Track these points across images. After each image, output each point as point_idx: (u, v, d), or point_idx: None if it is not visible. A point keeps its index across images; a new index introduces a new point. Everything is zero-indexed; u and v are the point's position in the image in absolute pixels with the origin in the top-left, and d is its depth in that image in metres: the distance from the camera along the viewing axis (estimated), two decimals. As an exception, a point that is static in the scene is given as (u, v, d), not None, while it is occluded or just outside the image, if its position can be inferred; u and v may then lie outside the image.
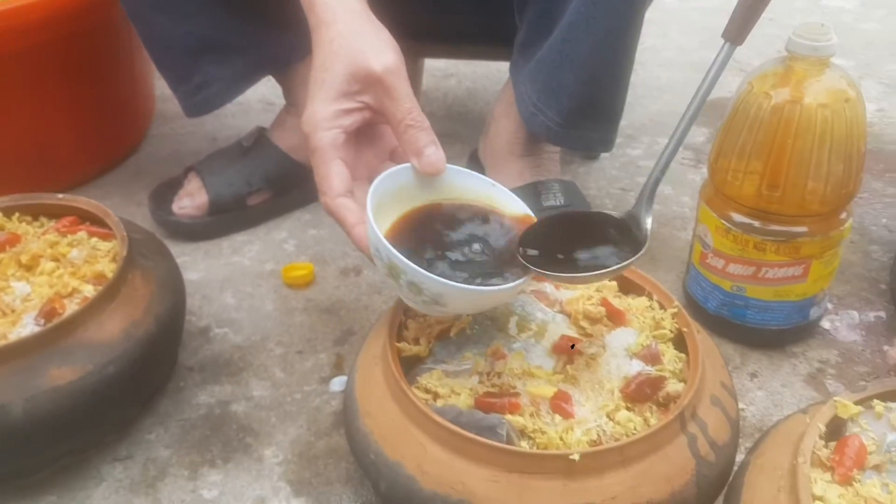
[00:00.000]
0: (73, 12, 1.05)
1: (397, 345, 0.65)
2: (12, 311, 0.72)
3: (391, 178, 0.65)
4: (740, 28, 0.64)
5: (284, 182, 1.09)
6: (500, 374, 0.63)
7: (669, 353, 0.66)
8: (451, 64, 1.57)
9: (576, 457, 0.54)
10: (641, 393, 0.61)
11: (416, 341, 0.67)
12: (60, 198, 0.84)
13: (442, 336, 0.68)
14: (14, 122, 1.07)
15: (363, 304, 0.96)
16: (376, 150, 0.72)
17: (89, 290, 0.74)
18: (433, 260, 0.62)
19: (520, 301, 0.70)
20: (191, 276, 1.00)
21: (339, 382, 0.84)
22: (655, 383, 0.62)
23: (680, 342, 0.67)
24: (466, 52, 1.30)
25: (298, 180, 1.08)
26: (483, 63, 1.54)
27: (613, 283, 0.73)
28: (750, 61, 0.66)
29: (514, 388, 0.62)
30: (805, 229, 0.79)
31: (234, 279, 1.00)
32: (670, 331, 0.68)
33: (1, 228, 0.82)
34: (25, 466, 0.72)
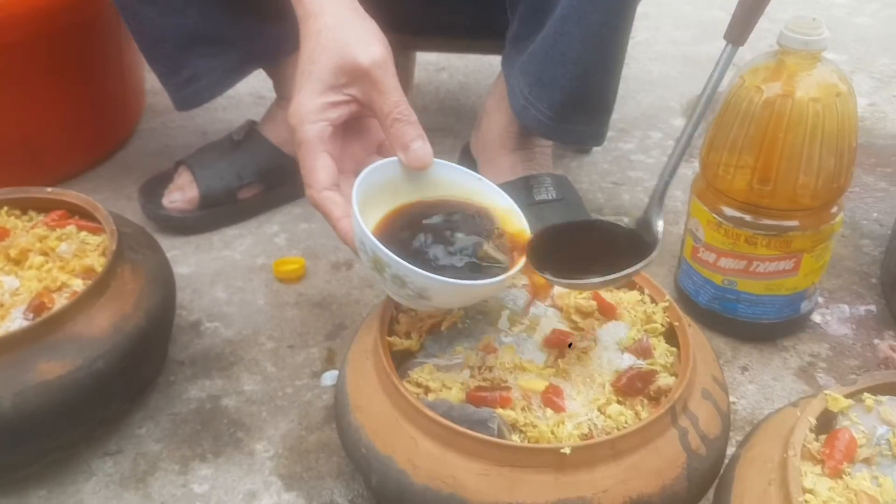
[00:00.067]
0: (62, 5, 1.05)
1: (388, 339, 0.65)
2: (1, 305, 0.72)
3: (377, 171, 0.64)
4: (741, 28, 0.64)
5: (275, 176, 1.09)
6: (491, 368, 0.63)
7: (661, 347, 0.66)
8: (443, 58, 1.56)
9: (567, 450, 0.54)
10: (633, 387, 0.61)
11: (408, 335, 0.67)
12: (49, 192, 0.83)
13: (433, 330, 0.68)
14: (2, 116, 1.06)
15: (354, 298, 0.96)
16: (363, 143, 0.71)
17: (78, 285, 0.74)
18: (419, 255, 0.61)
19: (511, 295, 0.70)
20: (181, 270, 0.99)
21: (330, 377, 0.84)
22: (647, 377, 0.62)
23: (671, 336, 0.67)
24: (458, 46, 1.29)
25: (289, 174, 1.08)
26: (475, 57, 1.53)
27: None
28: (742, 55, 0.66)
29: (506, 382, 0.62)
30: (796, 223, 0.79)
31: (224, 273, 1.00)
32: (662, 325, 0.68)
33: (-11, 222, 0.81)
34: (14, 461, 0.72)
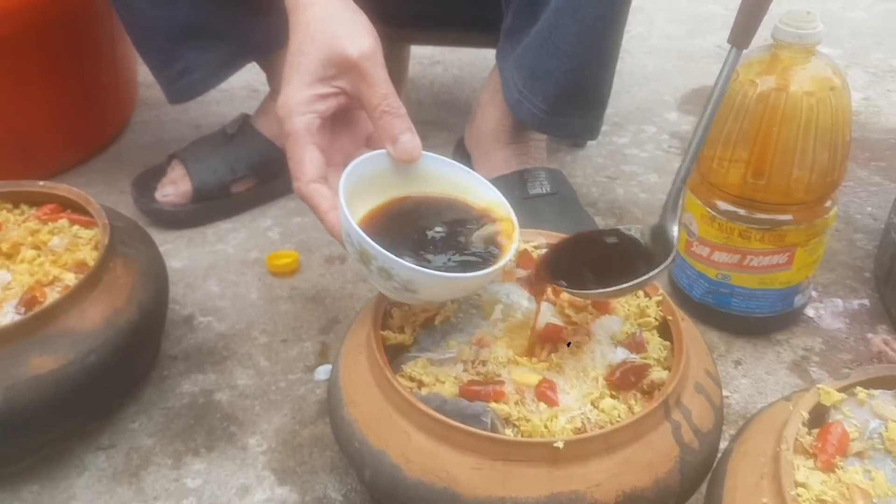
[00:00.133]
0: (53, -3, 1.04)
1: (382, 333, 0.65)
2: (-8, 299, 0.71)
3: (365, 164, 0.64)
4: (745, 31, 0.64)
5: (269, 169, 1.08)
6: (484, 363, 0.63)
7: (654, 341, 0.66)
8: (437, 51, 1.56)
9: (560, 444, 0.54)
10: (626, 381, 0.61)
11: (401, 329, 0.67)
12: (41, 185, 0.83)
13: (427, 324, 0.68)
14: (-6, 109, 1.06)
15: (348, 292, 0.96)
16: (352, 135, 0.71)
17: (70, 279, 0.74)
18: (406, 248, 0.61)
19: (505, 289, 0.70)
20: (174, 264, 0.99)
21: (323, 371, 0.84)
22: (640, 371, 0.62)
23: (665, 330, 0.67)
24: (453, 39, 1.29)
25: (283, 167, 1.04)
26: (469, 50, 1.53)
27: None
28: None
29: (499, 376, 0.62)
30: (790, 217, 0.79)
31: (218, 267, 1.00)
32: (655, 319, 0.68)
33: (-19, 216, 0.81)
34: (6, 456, 0.71)
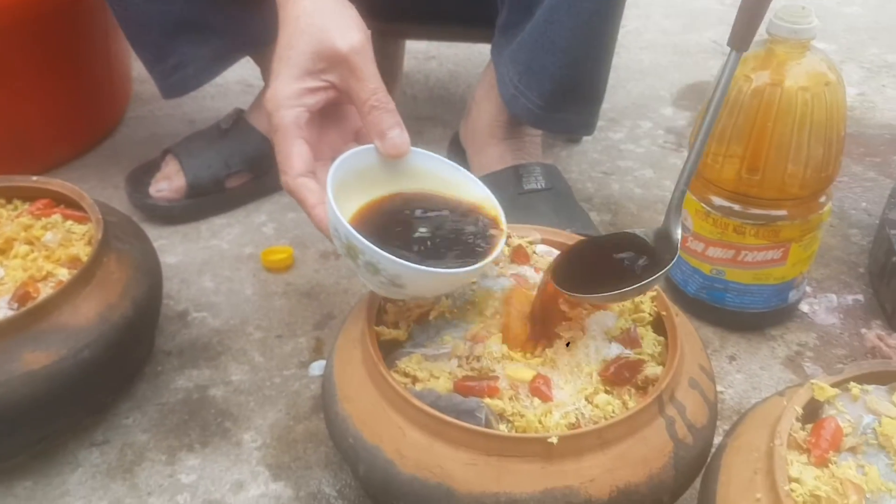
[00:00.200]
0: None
1: (376, 328, 0.65)
2: (-15, 294, 0.71)
3: (353, 158, 0.64)
4: (745, 34, 0.64)
5: (263, 164, 1.08)
6: (479, 358, 0.63)
7: (648, 337, 0.66)
8: (432, 46, 1.55)
9: (554, 440, 0.54)
10: (620, 376, 0.61)
11: (395, 325, 0.67)
12: (35, 180, 0.82)
13: (421, 320, 0.67)
14: (-13, 104, 1.05)
15: (343, 287, 0.95)
16: (340, 130, 0.71)
17: (64, 274, 0.73)
18: (394, 244, 0.61)
19: (499, 284, 0.70)
20: (169, 259, 0.99)
21: (318, 366, 0.84)
22: (634, 366, 0.62)
23: (659, 325, 0.67)
24: (448, 34, 1.29)
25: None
26: (465, 45, 1.53)
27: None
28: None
29: (493, 371, 0.61)
30: (784, 213, 0.79)
31: (212, 263, 0.99)
32: (649, 314, 0.68)
33: (-27, 211, 0.80)
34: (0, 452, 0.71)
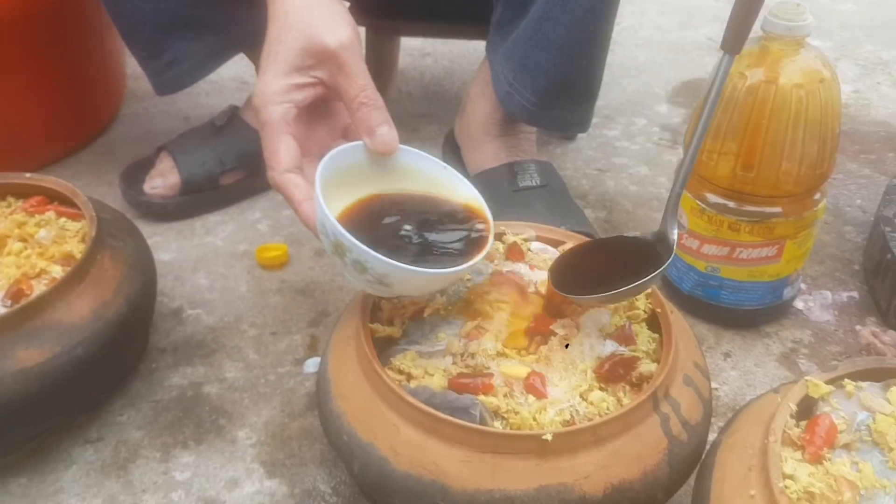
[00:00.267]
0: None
1: (371, 326, 0.65)
2: (-22, 292, 0.71)
3: (342, 155, 0.64)
4: (736, 37, 0.64)
5: (258, 161, 1.05)
6: (473, 355, 0.62)
7: (643, 334, 0.66)
8: (427, 43, 1.55)
9: (549, 437, 0.54)
10: (615, 373, 0.61)
11: (390, 322, 0.67)
12: (28, 177, 0.82)
13: (416, 317, 0.67)
14: (-20, 101, 1.05)
15: (337, 284, 0.95)
16: (329, 126, 0.70)
17: (57, 271, 0.73)
18: (382, 243, 0.60)
19: (494, 282, 0.69)
20: (163, 256, 0.99)
21: (313, 364, 0.84)
22: (629, 363, 0.62)
23: (654, 322, 0.67)
24: (443, 31, 1.29)
25: None
26: (460, 42, 1.53)
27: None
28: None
29: (488, 368, 0.61)
30: (779, 210, 0.79)
31: (206, 260, 0.99)
32: (644, 311, 0.68)
33: (-34, 208, 0.80)
34: (-7, 449, 0.71)
